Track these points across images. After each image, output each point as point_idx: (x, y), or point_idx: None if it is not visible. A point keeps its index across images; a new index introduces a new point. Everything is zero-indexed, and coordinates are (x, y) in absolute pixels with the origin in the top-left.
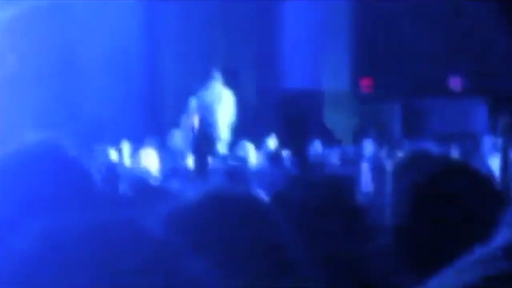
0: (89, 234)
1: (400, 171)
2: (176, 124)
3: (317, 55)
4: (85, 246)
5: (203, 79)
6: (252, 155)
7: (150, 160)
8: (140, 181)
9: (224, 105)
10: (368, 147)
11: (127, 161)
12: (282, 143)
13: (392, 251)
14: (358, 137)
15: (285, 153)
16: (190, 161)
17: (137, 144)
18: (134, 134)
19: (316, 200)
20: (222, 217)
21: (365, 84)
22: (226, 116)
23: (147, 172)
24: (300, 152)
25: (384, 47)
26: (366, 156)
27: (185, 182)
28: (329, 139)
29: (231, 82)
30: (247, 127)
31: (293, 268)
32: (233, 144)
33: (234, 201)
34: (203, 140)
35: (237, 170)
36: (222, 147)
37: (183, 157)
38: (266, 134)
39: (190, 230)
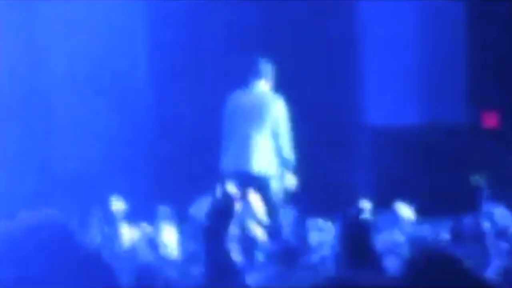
0: None
1: None
2: (201, 186)
3: (422, 82)
4: None
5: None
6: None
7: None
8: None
9: (270, 121)
10: (497, 213)
11: (126, 239)
12: (373, 206)
13: None
14: (480, 198)
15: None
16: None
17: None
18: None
19: None
20: None
21: (490, 119)
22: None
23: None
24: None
25: None
26: (495, 229)
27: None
28: (437, 201)
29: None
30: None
31: None
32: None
33: None
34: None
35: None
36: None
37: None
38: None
39: None
